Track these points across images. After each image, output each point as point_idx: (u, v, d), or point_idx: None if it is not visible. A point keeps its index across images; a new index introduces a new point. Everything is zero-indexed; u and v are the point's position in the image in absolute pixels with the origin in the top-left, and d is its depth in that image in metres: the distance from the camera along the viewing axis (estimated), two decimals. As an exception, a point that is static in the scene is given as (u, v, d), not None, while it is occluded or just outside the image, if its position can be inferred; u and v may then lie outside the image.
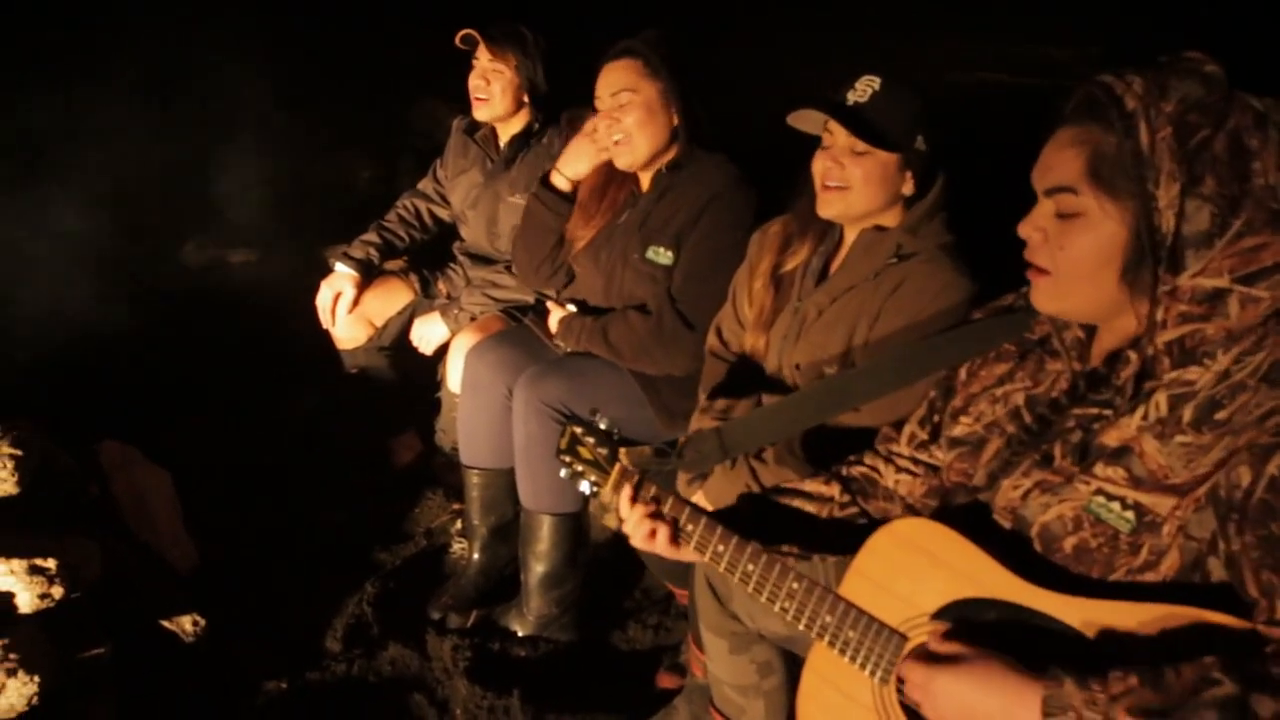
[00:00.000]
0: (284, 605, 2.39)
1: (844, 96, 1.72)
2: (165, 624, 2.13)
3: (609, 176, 2.33)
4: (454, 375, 2.61)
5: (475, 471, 2.46)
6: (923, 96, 1.72)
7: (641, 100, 2.15)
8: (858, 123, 1.67)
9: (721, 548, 1.34)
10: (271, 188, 3.58)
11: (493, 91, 2.63)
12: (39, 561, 1.80)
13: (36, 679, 1.73)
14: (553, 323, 2.38)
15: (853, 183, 1.70)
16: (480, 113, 2.68)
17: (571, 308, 2.36)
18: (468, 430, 2.46)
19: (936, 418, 1.40)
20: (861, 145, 1.68)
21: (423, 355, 2.80)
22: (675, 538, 1.37)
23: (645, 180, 2.29)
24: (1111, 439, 1.11)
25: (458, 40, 2.64)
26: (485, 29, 2.61)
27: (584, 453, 1.46)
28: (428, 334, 2.74)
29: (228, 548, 2.50)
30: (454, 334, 2.69)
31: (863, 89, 1.70)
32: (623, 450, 1.45)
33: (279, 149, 3.63)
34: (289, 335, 3.13)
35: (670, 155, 2.23)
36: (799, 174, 1.83)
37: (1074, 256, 1.11)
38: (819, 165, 1.75)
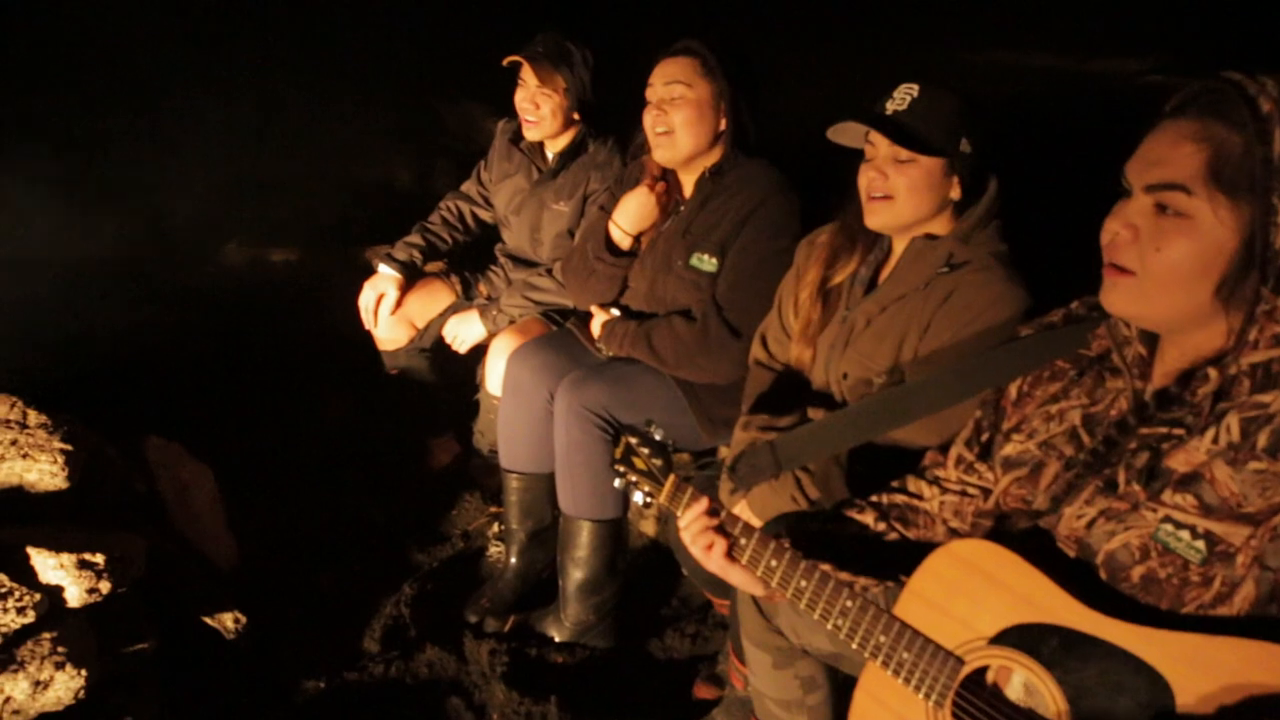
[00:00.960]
0: (321, 605, 2.40)
1: (883, 106, 1.70)
2: (207, 620, 2.15)
3: None
4: (493, 377, 2.60)
5: (515, 476, 2.45)
6: (964, 98, 1.69)
7: (693, 98, 2.14)
8: (898, 131, 1.66)
9: (775, 563, 1.33)
10: (312, 187, 3.61)
11: (543, 115, 2.59)
12: (88, 556, 1.81)
13: (84, 673, 1.74)
14: (595, 326, 2.37)
15: (897, 192, 1.69)
16: (530, 133, 2.63)
17: (615, 311, 2.35)
18: (508, 434, 2.46)
19: (984, 437, 1.37)
20: (904, 154, 1.67)
21: (461, 356, 2.80)
22: (730, 551, 1.36)
23: (688, 186, 2.28)
24: (1179, 463, 1.07)
25: (505, 63, 2.58)
26: (532, 51, 2.54)
27: (638, 463, 1.46)
28: (463, 333, 2.74)
29: (266, 546, 2.52)
30: (491, 335, 2.69)
31: (901, 97, 1.69)
32: None
33: (319, 149, 3.66)
34: (330, 335, 3.15)
35: (712, 159, 2.22)
36: (846, 183, 1.81)
37: (1170, 260, 1.03)
38: (863, 178, 1.73)
